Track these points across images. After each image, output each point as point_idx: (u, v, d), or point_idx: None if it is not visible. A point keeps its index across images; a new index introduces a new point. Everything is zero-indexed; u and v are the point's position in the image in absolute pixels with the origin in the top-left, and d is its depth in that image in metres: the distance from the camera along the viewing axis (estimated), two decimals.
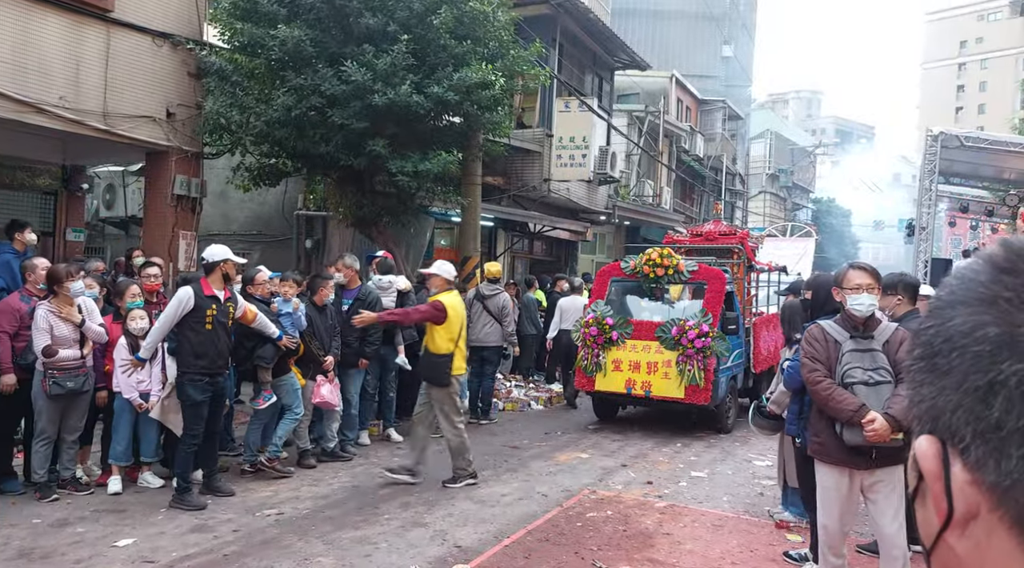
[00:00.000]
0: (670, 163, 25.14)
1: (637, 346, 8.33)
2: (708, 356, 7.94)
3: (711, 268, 8.63)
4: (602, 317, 8.44)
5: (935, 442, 0.56)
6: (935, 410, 0.56)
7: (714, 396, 8.10)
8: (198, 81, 9.43)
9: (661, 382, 8.20)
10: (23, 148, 9.23)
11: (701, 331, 7.97)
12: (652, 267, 8.55)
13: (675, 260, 8.50)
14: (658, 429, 8.84)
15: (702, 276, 8.52)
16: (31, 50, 7.69)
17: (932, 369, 0.57)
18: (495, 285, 9.14)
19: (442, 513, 5.61)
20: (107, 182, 13.13)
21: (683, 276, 8.52)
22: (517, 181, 15.73)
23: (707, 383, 7.97)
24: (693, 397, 8.01)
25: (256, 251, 12.98)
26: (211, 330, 5.69)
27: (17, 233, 6.77)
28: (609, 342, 8.38)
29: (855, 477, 3.76)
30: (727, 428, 8.67)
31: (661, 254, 8.59)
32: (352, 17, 8.64)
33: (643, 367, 8.32)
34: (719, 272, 8.53)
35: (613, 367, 8.42)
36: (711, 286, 8.44)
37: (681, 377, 8.02)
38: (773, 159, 42.12)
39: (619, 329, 8.39)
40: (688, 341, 7.97)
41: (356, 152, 8.91)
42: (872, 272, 3.79)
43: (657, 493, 6.27)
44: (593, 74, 18.89)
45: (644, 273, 8.60)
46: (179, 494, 5.63)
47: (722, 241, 10.01)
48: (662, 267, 8.52)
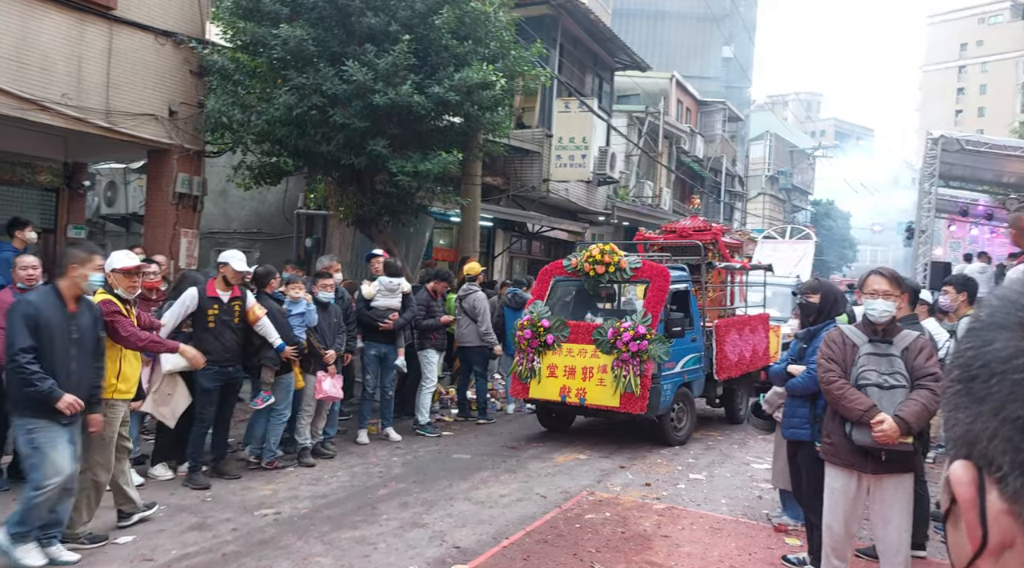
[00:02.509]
0: (670, 164, 25.16)
1: (573, 350, 7.72)
2: (645, 361, 7.30)
3: (655, 265, 7.98)
4: (538, 319, 7.84)
5: (971, 469, 0.55)
6: (971, 436, 0.55)
7: (652, 405, 7.43)
8: (200, 79, 9.44)
9: (596, 389, 7.56)
10: (25, 145, 9.23)
11: (637, 333, 7.35)
12: (593, 265, 7.91)
13: (616, 257, 7.85)
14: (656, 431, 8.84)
15: (645, 274, 7.88)
16: (33, 47, 7.70)
17: (969, 393, 0.56)
18: (470, 285, 9.17)
19: (441, 514, 5.62)
20: (108, 179, 13.14)
21: (625, 274, 7.87)
22: (516, 181, 15.75)
23: (643, 391, 7.31)
24: (628, 405, 7.36)
25: (256, 249, 12.99)
26: (214, 328, 6.07)
27: (17, 231, 6.78)
28: (544, 346, 7.77)
29: (863, 480, 3.79)
30: (675, 440, 7.99)
31: (602, 251, 7.94)
32: (354, 16, 8.65)
33: (578, 373, 7.67)
34: (663, 270, 7.86)
35: (548, 373, 7.77)
36: (653, 284, 7.78)
37: (616, 384, 7.40)
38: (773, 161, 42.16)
39: (555, 332, 7.78)
40: (623, 344, 7.36)
41: (357, 151, 8.93)
42: (891, 278, 3.82)
43: (655, 495, 6.29)
44: (593, 75, 18.91)
45: (585, 272, 8.00)
46: (190, 474, 6.08)
47: (696, 238, 9.37)
48: (603, 264, 7.87)
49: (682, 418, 8.19)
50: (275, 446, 6.73)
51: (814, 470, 4.19)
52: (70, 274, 4.44)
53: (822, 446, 3.95)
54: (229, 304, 6.13)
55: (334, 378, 6.98)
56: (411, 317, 8.02)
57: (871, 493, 3.82)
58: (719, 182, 30.17)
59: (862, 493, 3.83)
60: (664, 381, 7.59)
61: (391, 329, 7.78)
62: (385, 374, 7.96)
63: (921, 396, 3.56)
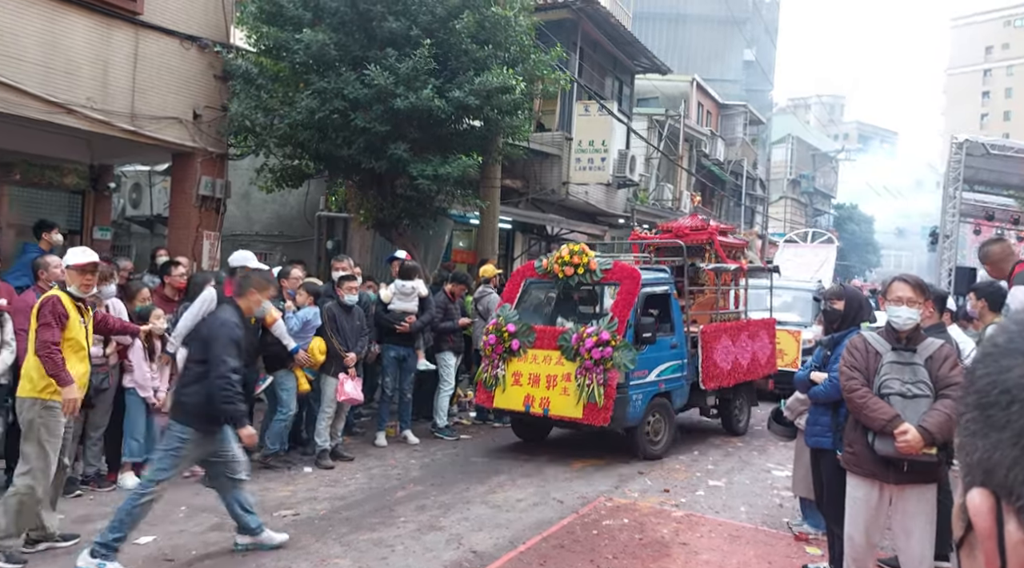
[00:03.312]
0: (690, 167, 25.04)
1: (539, 357, 7.29)
2: (608, 369, 6.87)
3: (626, 267, 7.58)
4: (503, 324, 7.47)
5: (989, 497, 0.54)
6: (989, 464, 0.53)
7: (618, 417, 6.96)
8: (224, 83, 9.54)
9: (559, 399, 7.11)
10: (52, 148, 9.37)
11: (600, 339, 6.91)
12: (562, 266, 7.53)
13: (585, 258, 7.45)
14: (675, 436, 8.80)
15: (615, 276, 7.46)
16: (60, 52, 7.82)
17: (987, 420, 0.54)
18: (485, 287, 9.23)
19: (458, 517, 5.64)
20: (134, 181, 13.31)
21: (595, 275, 7.45)
22: (536, 184, 15.75)
23: (607, 401, 6.86)
24: (591, 417, 6.91)
25: (278, 251, 13.10)
26: None
27: (44, 233, 6.90)
28: (509, 352, 7.37)
29: (885, 490, 3.75)
30: (650, 454, 7.49)
31: (572, 251, 7.56)
32: (376, 21, 8.71)
33: (543, 381, 7.23)
34: (633, 272, 7.45)
35: (513, 381, 7.37)
36: (623, 287, 7.35)
37: (580, 393, 6.97)
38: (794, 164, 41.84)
39: (521, 337, 7.36)
40: (586, 351, 6.94)
41: (378, 155, 8.98)
42: (915, 285, 3.77)
43: (674, 501, 6.26)
44: (613, 78, 18.87)
45: (555, 273, 7.62)
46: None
47: (692, 237, 8.92)
48: (571, 266, 7.47)
49: (659, 430, 7.66)
50: (274, 443, 6.82)
51: (836, 479, 4.15)
52: (250, 297, 4.84)
53: (844, 455, 3.91)
54: None
55: (355, 381, 7.02)
56: (429, 320, 8.05)
57: (893, 503, 3.78)
58: (740, 185, 29.97)
59: (884, 503, 3.79)
60: (633, 391, 7.14)
61: (408, 332, 7.82)
62: (404, 377, 7.99)
63: (945, 406, 3.51)
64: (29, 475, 4.41)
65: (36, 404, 4.46)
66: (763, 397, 9.87)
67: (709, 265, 8.62)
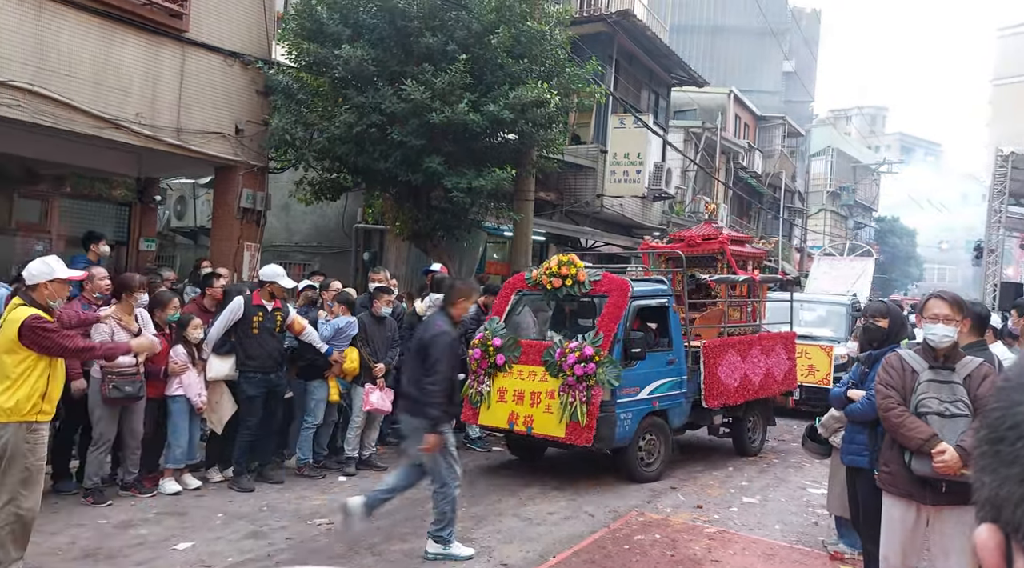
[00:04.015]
0: (727, 180, 24.85)
1: (524, 372, 6.96)
2: (592, 386, 6.51)
3: (615, 278, 7.17)
4: (489, 337, 7.17)
5: (997, 533, 0.53)
6: (998, 500, 0.53)
7: (603, 436, 6.57)
8: (265, 99, 9.77)
9: (543, 417, 6.74)
10: (102, 161, 9.70)
11: (583, 354, 6.56)
12: (550, 277, 7.21)
13: (574, 269, 7.11)
14: (708, 451, 8.73)
15: (604, 288, 7.08)
16: (112, 69, 8.10)
17: (996, 455, 0.53)
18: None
19: (489, 529, 5.66)
20: (178, 194, 13.67)
21: (584, 287, 7.10)
22: (570, 196, 15.79)
23: (590, 420, 6.48)
24: (574, 436, 6.54)
25: (316, 262, 13.33)
26: (258, 334, 6.39)
27: (92, 245, 7.13)
28: (494, 367, 7.06)
29: (922, 512, 3.68)
30: (642, 476, 7.10)
31: (560, 262, 7.24)
32: (413, 37, 8.86)
33: (527, 398, 6.88)
34: (622, 283, 7.06)
35: (497, 397, 7.04)
36: (610, 300, 6.96)
37: (562, 411, 6.61)
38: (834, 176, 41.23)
39: (507, 352, 7.04)
40: (568, 367, 6.59)
41: (413, 168, 9.11)
42: (952, 302, 3.72)
43: (707, 518, 6.20)
44: (649, 91, 18.86)
45: (543, 285, 7.30)
46: (235, 477, 6.36)
47: (704, 247, 8.54)
48: (559, 277, 7.16)
49: (652, 451, 7.25)
50: (306, 452, 7.01)
51: (872, 498, 4.08)
52: (458, 305, 5.23)
53: (880, 474, 3.86)
54: (272, 313, 6.51)
55: (383, 391, 7.10)
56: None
57: (931, 524, 3.71)
58: (778, 198, 29.63)
59: (921, 524, 3.72)
60: (622, 409, 6.77)
61: None
62: None
63: None
64: (12, 504, 4.14)
65: (21, 428, 4.16)
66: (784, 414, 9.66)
67: (713, 276, 8.21)
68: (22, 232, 9.75)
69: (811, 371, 10.87)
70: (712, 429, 8.40)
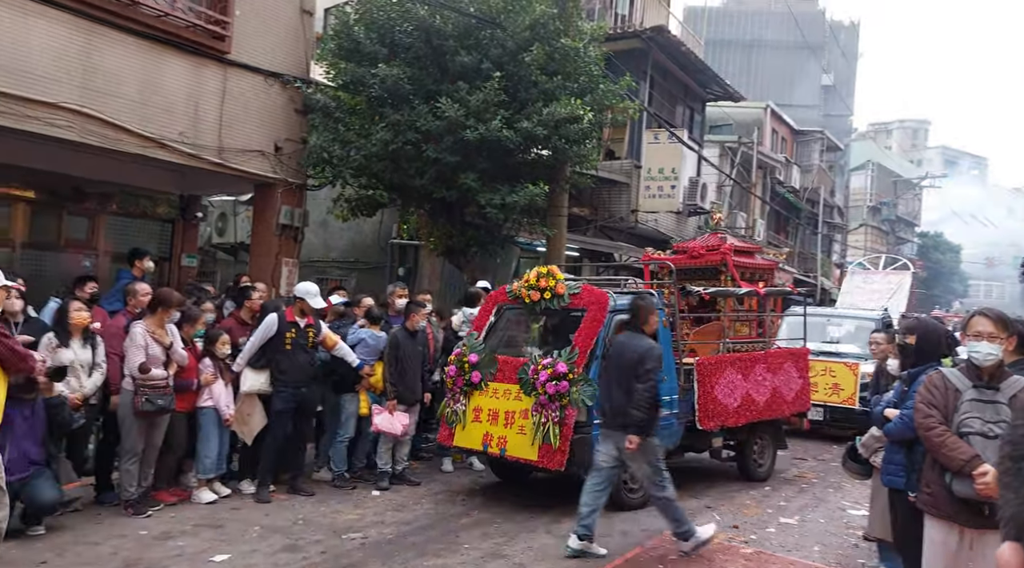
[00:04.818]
0: (764, 195, 24.59)
1: (499, 390, 6.64)
2: (565, 406, 6.14)
3: (595, 291, 6.77)
4: (466, 353, 6.87)
5: (1019, 553, 0.53)
6: (1020, 518, 0.53)
7: (578, 460, 6.11)
8: (304, 117, 9.97)
9: (516, 438, 6.39)
10: (146, 179, 9.97)
11: (556, 371, 6.19)
12: (528, 290, 6.91)
13: (552, 281, 6.78)
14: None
15: (583, 301, 6.70)
16: (157, 90, 8.34)
17: (1018, 473, 0.53)
18: None
19: (522, 546, 5.64)
20: (219, 211, 13.97)
21: (563, 300, 6.74)
22: (604, 212, 15.77)
23: (563, 442, 6.10)
24: (546, 459, 6.15)
25: (353, 277, 13.51)
26: (290, 350, 6.53)
27: (137, 261, 7.33)
28: (469, 385, 6.77)
29: (965, 535, 3.58)
30: (627, 502, 6.64)
31: (539, 274, 6.92)
32: (448, 56, 8.97)
33: (501, 417, 6.55)
34: (601, 296, 6.67)
35: (473, 417, 6.72)
36: (588, 313, 6.56)
37: (535, 432, 6.24)
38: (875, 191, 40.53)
39: (483, 369, 6.72)
40: (540, 385, 6.24)
41: (448, 185, 9.20)
42: (997, 320, 3.63)
43: (743, 538, 6.10)
44: (684, 106, 18.80)
45: (522, 298, 6.98)
46: (258, 488, 6.58)
47: (707, 258, 8.17)
48: (537, 290, 6.84)
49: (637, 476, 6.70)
50: (339, 465, 7.13)
51: (911, 520, 3.99)
52: (652, 321, 5.62)
53: (921, 496, 3.76)
54: (304, 330, 6.66)
55: (394, 414, 7.02)
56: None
57: (974, 548, 3.60)
58: (816, 213, 29.22)
59: (964, 548, 3.61)
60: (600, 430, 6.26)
61: None
62: None
63: None
64: None
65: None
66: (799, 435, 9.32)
67: (709, 289, 7.83)
68: (70, 249, 10.05)
69: (835, 390, 10.46)
70: (713, 453, 7.88)
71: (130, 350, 5.83)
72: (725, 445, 7.96)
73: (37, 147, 7.85)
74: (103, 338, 6.02)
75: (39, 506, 5.25)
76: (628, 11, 17.24)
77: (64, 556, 4.98)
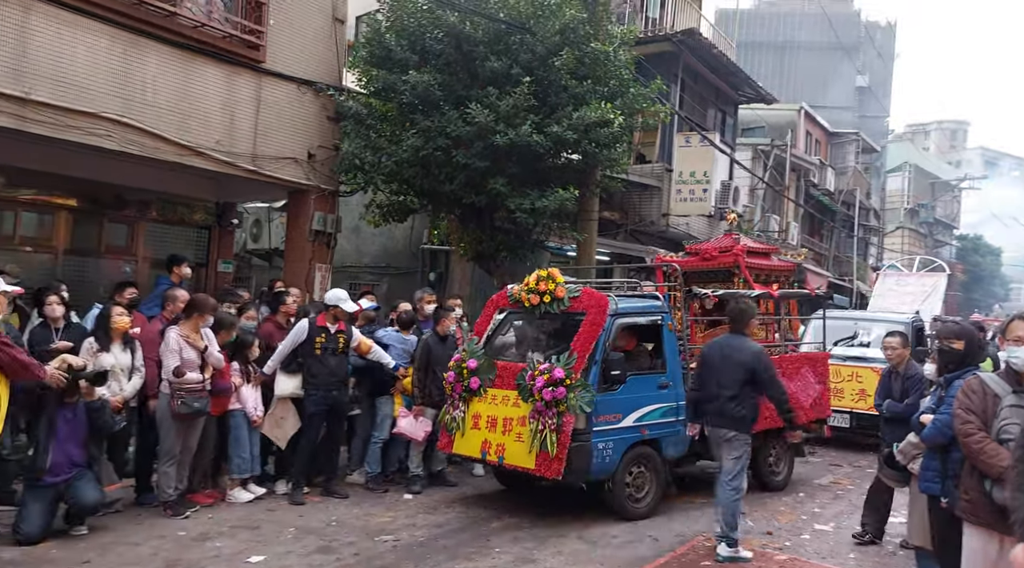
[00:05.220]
0: (797, 198, 24.28)
1: (497, 397, 6.50)
2: (563, 413, 6.00)
3: (595, 294, 6.61)
4: (466, 358, 6.73)
5: None
6: None
7: (576, 468, 6.00)
8: (336, 124, 10.09)
9: (514, 445, 6.26)
10: (183, 187, 10.18)
11: (552, 377, 6.06)
12: (528, 294, 6.78)
13: (552, 285, 6.63)
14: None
15: (582, 305, 6.53)
16: (194, 99, 8.52)
17: None
18: None
19: (552, 551, 5.64)
20: (254, 217, 14.19)
21: (562, 304, 6.59)
22: (635, 216, 15.70)
23: (560, 449, 5.96)
24: (543, 468, 6.02)
25: (384, 282, 13.63)
26: (320, 355, 6.63)
27: (175, 267, 7.49)
28: (468, 391, 6.64)
29: (1005, 543, 3.51)
30: (630, 513, 6.45)
31: (539, 277, 6.76)
32: (478, 61, 9.02)
33: (499, 424, 6.41)
34: (600, 300, 6.49)
35: (472, 424, 6.59)
36: (587, 317, 6.38)
37: (532, 439, 6.11)
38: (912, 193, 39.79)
39: (482, 374, 6.60)
40: (537, 391, 6.10)
41: (478, 190, 9.24)
42: None
43: (777, 545, 6.03)
44: (716, 109, 18.66)
45: (522, 302, 6.86)
46: (292, 491, 6.67)
47: (719, 260, 7.97)
48: (537, 294, 6.71)
49: (642, 485, 6.60)
50: (373, 466, 7.23)
51: (948, 527, 3.92)
52: (752, 326, 5.90)
53: (960, 503, 3.70)
54: (335, 335, 6.76)
55: (419, 419, 7.12)
56: None
57: (1015, 557, 3.53)
58: (852, 216, 28.77)
59: (1005, 556, 3.54)
60: (600, 438, 6.20)
61: None
62: None
63: None
64: None
65: None
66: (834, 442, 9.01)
67: (718, 292, 7.52)
68: (111, 255, 10.29)
69: (862, 396, 10.21)
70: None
71: (165, 354, 5.97)
72: None
73: (78, 156, 8.08)
74: (141, 343, 6.17)
75: (82, 507, 5.40)
76: (659, 14, 17.15)
77: (106, 556, 5.10)
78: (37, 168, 8.66)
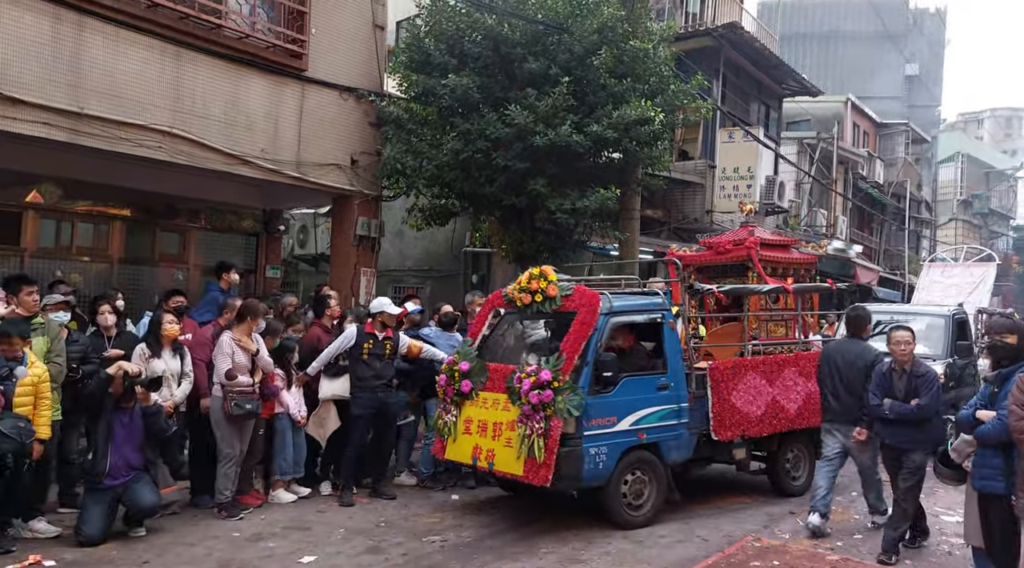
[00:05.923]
0: (845, 191, 23.77)
1: (488, 400, 6.25)
2: (550, 416, 5.71)
3: (586, 292, 6.28)
4: (458, 361, 6.48)
5: None
6: None
7: (567, 474, 5.74)
8: (378, 130, 10.23)
9: (503, 451, 5.99)
10: (230, 195, 10.43)
11: (539, 380, 5.76)
12: (520, 293, 6.52)
13: (544, 283, 6.37)
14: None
15: (574, 303, 6.23)
16: (240, 109, 8.73)
17: None
18: None
19: (599, 551, 5.62)
20: (301, 223, 14.46)
21: (554, 303, 6.29)
22: (678, 213, 15.57)
23: (548, 455, 5.68)
24: (531, 474, 5.75)
25: (428, 285, 13.75)
26: (367, 359, 6.73)
27: (224, 273, 7.68)
28: (459, 395, 6.40)
29: None
30: (628, 521, 6.14)
31: (531, 276, 6.50)
32: (516, 63, 9.04)
33: (490, 429, 6.16)
34: (592, 298, 6.16)
35: (463, 428, 6.35)
36: (578, 316, 6.09)
37: (520, 444, 5.84)
38: (965, 184, 38.58)
39: (473, 377, 6.35)
40: (524, 394, 5.83)
41: (518, 192, 9.26)
42: None
43: (829, 545, 5.91)
44: (759, 103, 18.38)
45: (514, 301, 6.61)
46: (341, 492, 6.75)
47: (733, 254, 7.64)
48: (529, 292, 6.44)
49: (641, 492, 6.25)
50: (427, 466, 7.36)
51: (1009, 527, 3.80)
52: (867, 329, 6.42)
53: (1017, 502, 3.59)
54: (382, 341, 6.86)
55: None
56: None
57: None
58: (902, 208, 28.02)
59: None
60: (591, 443, 5.87)
61: None
62: None
63: None
64: None
65: None
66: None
67: (723, 287, 7.19)
68: (163, 263, 10.59)
69: None
70: (740, 465, 7.20)
71: (218, 358, 6.14)
72: (753, 457, 7.32)
73: (131, 167, 8.33)
74: (191, 347, 6.34)
75: (140, 509, 5.57)
76: (699, 9, 16.98)
77: (164, 556, 5.26)
78: (92, 180, 8.98)
